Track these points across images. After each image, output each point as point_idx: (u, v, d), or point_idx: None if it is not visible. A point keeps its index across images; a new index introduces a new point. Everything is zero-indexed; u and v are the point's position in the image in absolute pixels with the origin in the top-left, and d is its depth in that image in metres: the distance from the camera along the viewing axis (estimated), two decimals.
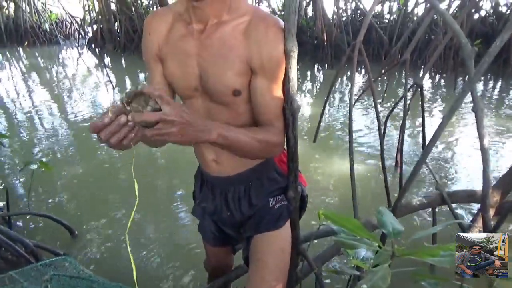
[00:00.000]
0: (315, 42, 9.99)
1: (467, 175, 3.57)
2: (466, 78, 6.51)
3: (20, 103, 6.44)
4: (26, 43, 13.36)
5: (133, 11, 11.66)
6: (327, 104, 3.57)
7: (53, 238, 2.68)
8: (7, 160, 4.08)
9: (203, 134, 0.94)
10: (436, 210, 2.22)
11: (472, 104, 1.40)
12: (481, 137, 1.39)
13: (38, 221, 2.86)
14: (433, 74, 8.17)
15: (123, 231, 2.76)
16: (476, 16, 8.34)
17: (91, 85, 7.83)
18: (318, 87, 7.91)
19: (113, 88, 7.09)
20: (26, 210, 3.02)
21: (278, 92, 1.09)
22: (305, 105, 6.19)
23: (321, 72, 9.21)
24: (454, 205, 2.26)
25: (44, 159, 3.90)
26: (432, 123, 4.96)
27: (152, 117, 0.81)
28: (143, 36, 1.17)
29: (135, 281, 0.84)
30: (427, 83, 7.47)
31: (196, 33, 1.07)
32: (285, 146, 1.21)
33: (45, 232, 2.75)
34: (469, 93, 1.43)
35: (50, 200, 3.22)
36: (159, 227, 2.85)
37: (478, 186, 2.94)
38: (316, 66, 9.49)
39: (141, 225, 2.86)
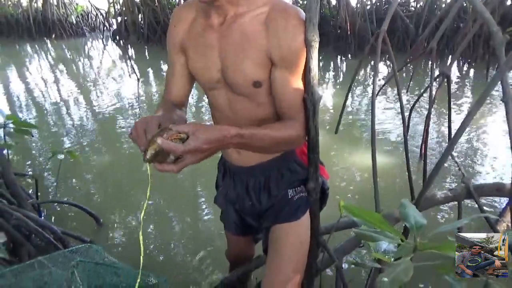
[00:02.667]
0: (338, 31, 9.79)
1: (495, 168, 3.46)
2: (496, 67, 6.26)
3: (49, 94, 6.63)
4: (53, 35, 13.69)
5: (156, 3, 11.73)
6: (349, 95, 3.52)
7: (80, 226, 2.76)
8: (36, 149, 4.22)
9: (221, 148, 0.98)
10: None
11: (501, 94, 1.34)
12: (511, 129, 1.34)
13: (65, 210, 2.95)
14: (461, 63, 7.90)
15: (147, 221, 2.82)
16: (508, 2, 7.97)
17: (116, 77, 7.96)
18: (340, 77, 7.78)
19: (137, 80, 7.18)
20: (54, 199, 3.13)
21: (299, 84, 1.08)
22: (327, 95, 6.11)
23: (344, 62, 9.05)
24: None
25: (71, 149, 4.01)
26: (459, 114, 4.81)
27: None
28: (169, 27, 1.20)
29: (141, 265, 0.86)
30: (455, 73, 7.23)
31: (216, 25, 1.08)
32: (306, 138, 1.20)
33: (72, 220, 2.84)
34: (499, 82, 1.38)
35: (77, 189, 3.32)
36: (181, 216, 2.90)
37: (506, 179, 2.84)
38: (339, 56, 9.33)
39: (163, 214, 2.91)
